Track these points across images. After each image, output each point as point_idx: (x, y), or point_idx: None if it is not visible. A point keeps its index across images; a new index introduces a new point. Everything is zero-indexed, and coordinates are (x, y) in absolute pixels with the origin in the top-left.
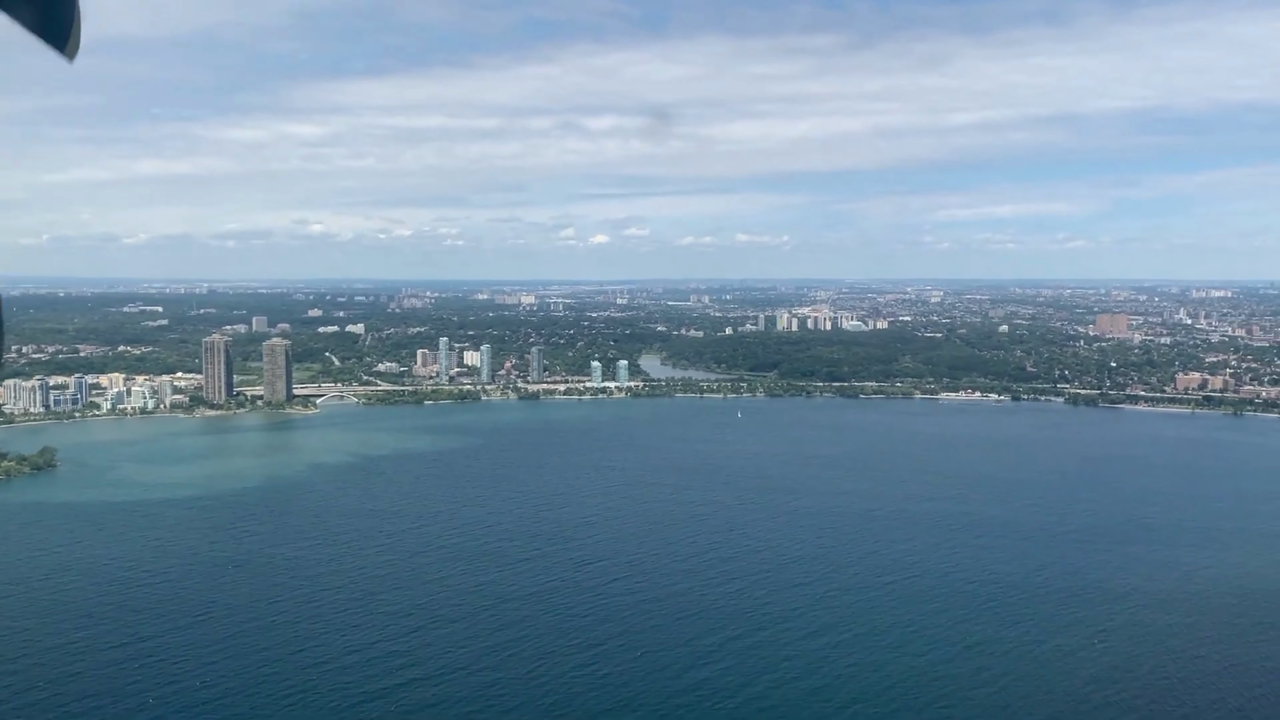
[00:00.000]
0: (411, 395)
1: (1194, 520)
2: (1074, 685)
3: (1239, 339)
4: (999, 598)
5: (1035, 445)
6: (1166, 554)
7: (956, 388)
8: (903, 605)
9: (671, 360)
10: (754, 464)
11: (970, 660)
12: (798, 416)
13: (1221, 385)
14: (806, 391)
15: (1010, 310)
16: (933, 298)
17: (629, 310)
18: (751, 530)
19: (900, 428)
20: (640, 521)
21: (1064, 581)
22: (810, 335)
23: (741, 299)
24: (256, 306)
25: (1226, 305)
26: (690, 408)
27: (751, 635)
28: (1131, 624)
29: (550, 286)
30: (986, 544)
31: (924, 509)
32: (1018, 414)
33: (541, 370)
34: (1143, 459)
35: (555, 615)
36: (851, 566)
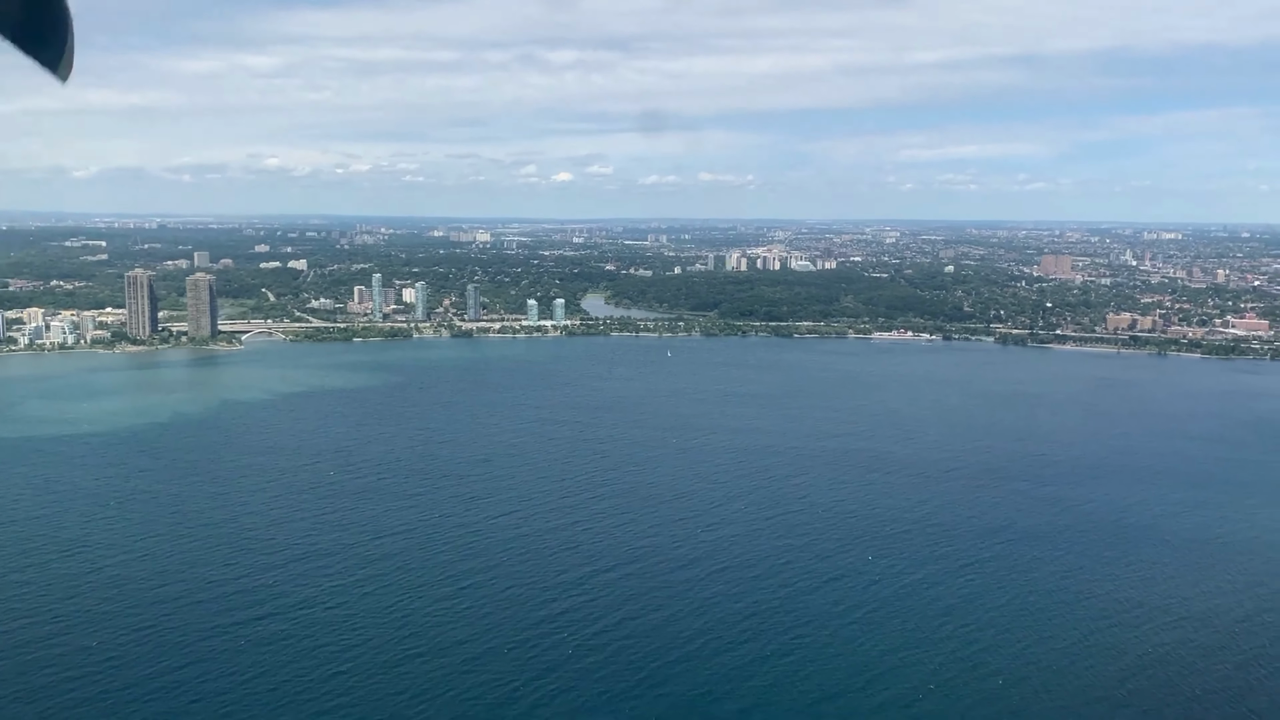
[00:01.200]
0: (341, 332)
1: (1087, 457)
2: (927, 616)
3: (1179, 280)
4: (876, 532)
5: (953, 384)
6: (1052, 490)
7: (890, 327)
8: (779, 539)
9: (615, 299)
10: (671, 402)
11: (831, 591)
12: (728, 355)
13: (1150, 326)
14: (742, 331)
15: (962, 251)
16: (889, 238)
17: (584, 249)
18: (649, 467)
19: (826, 366)
20: (539, 459)
21: (944, 516)
22: (757, 275)
23: (700, 239)
24: (204, 242)
25: (1174, 247)
26: (623, 346)
27: (622, 569)
28: (1000, 557)
29: (510, 224)
30: (878, 480)
31: (827, 446)
32: (945, 353)
33: (478, 308)
34: (1055, 398)
35: (429, 551)
36: (738, 501)
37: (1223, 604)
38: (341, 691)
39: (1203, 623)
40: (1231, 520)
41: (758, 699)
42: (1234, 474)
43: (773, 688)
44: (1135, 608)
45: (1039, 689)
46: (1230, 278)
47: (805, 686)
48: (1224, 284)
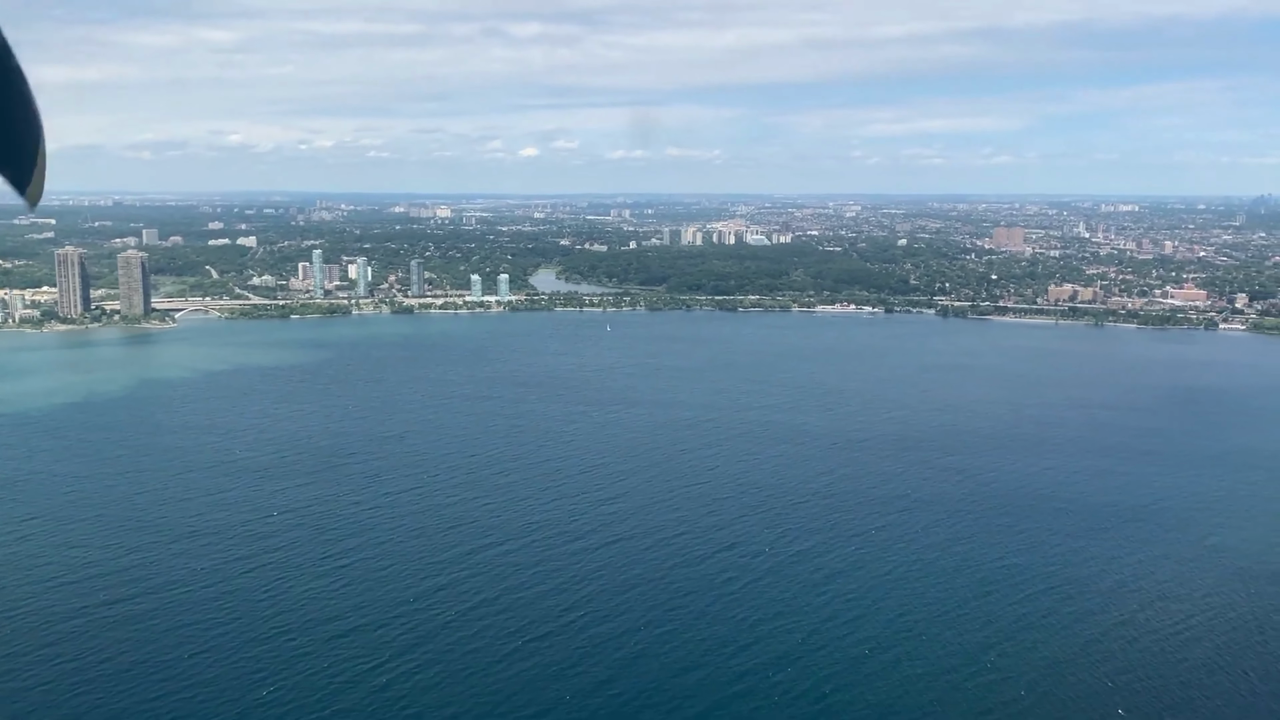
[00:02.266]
0: (278, 310)
1: (998, 427)
2: (808, 585)
3: (1127, 252)
4: (775, 502)
5: (883, 356)
6: (957, 460)
7: (835, 300)
8: (678, 511)
9: (566, 275)
10: (600, 376)
11: (717, 561)
12: (668, 330)
13: (1091, 297)
14: (687, 305)
15: (919, 225)
16: (849, 212)
17: (543, 224)
18: (562, 442)
19: (763, 340)
20: (452, 436)
21: (846, 486)
22: (711, 249)
23: (663, 214)
24: (158, 219)
25: (1129, 220)
26: (566, 321)
27: (513, 543)
28: (891, 525)
29: (475, 200)
30: (790, 452)
31: (747, 418)
32: (884, 325)
33: (423, 283)
34: (980, 368)
35: (318, 529)
36: (645, 474)
37: (1102, 570)
38: (198, 670)
39: (1080, 588)
40: (1127, 488)
41: (621, 669)
42: (1138, 442)
43: (639, 657)
44: (1015, 575)
45: (901, 656)
46: (1178, 249)
47: (672, 655)
48: (1170, 255)
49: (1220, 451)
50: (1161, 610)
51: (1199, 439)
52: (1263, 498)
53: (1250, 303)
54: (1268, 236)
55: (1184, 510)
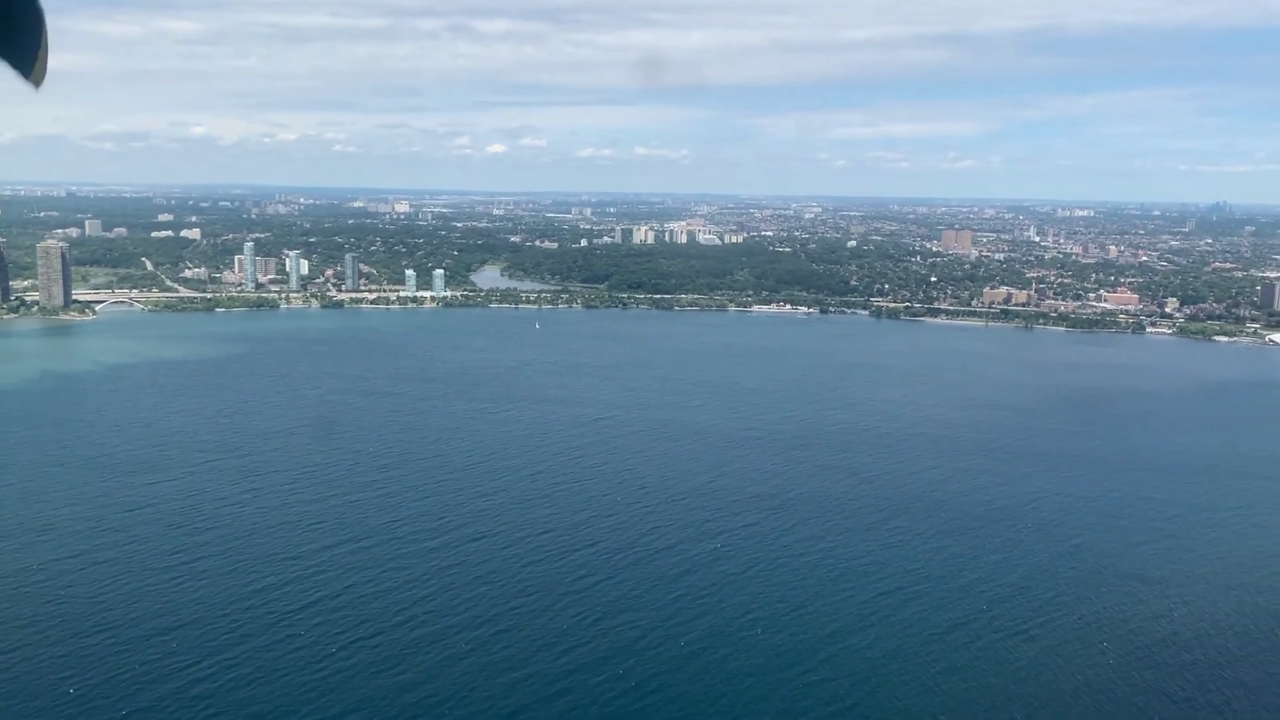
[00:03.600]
0: (204, 302)
1: (895, 427)
2: (656, 582)
3: (1072, 256)
4: (650, 501)
5: (806, 355)
6: (844, 458)
7: (772, 300)
8: (544, 511)
9: (511, 271)
10: (514, 373)
11: (570, 560)
12: (599, 327)
13: (1025, 300)
14: (624, 303)
15: (874, 227)
16: (808, 213)
17: (500, 221)
18: (453, 440)
19: (691, 338)
20: (343, 433)
21: (726, 484)
22: (660, 248)
23: (626, 212)
24: (109, 211)
25: (1082, 224)
26: (498, 318)
27: (360, 541)
28: (758, 523)
29: (440, 196)
30: (683, 450)
31: (652, 416)
32: (816, 325)
33: (357, 278)
34: (896, 369)
35: (163, 527)
36: (523, 473)
37: (959, 569)
38: (2, 667)
39: (931, 586)
40: (1006, 488)
41: (439, 669)
42: (1029, 443)
43: (463, 656)
44: (869, 573)
45: (731, 653)
46: (1122, 254)
47: (498, 654)
48: (1114, 260)
49: (1106, 453)
50: (1006, 609)
51: (1088, 440)
52: (1137, 498)
53: (1180, 307)
54: (1214, 243)
55: (1056, 511)
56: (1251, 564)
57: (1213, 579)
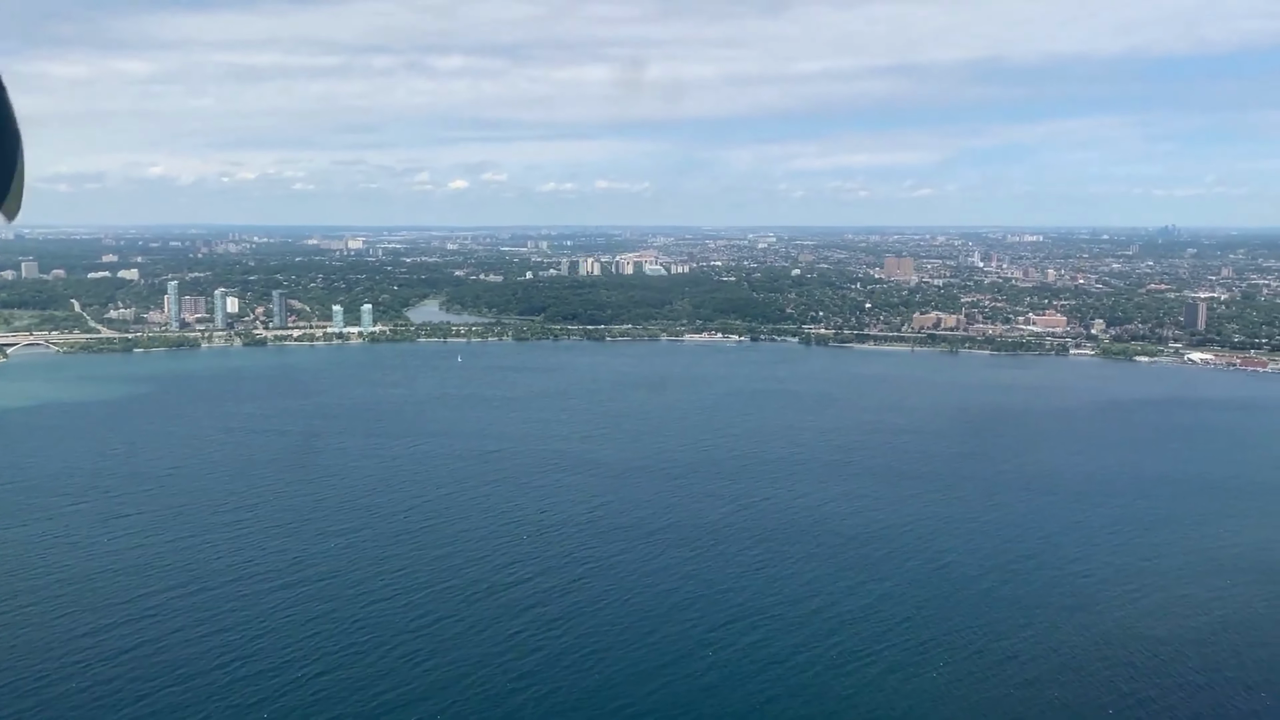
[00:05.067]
0: (122, 343)
1: (791, 454)
2: (488, 621)
3: (1011, 280)
4: (514, 537)
5: (722, 383)
6: (732, 487)
7: (704, 329)
8: (403, 548)
9: (449, 305)
10: (421, 408)
11: (409, 599)
12: (523, 360)
13: (954, 324)
14: (555, 335)
15: (825, 255)
16: (762, 243)
17: (452, 255)
18: (333, 477)
19: (614, 368)
20: (223, 472)
21: (602, 515)
22: (605, 280)
23: (584, 244)
24: (54, 253)
25: (1028, 249)
26: (424, 353)
27: (187, 587)
28: (621, 554)
29: (399, 232)
30: (569, 482)
31: (549, 448)
32: (745, 353)
33: (285, 315)
34: (810, 394)
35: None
36: (395, 510)
37: (805, 595)
38: None
39: (764, 617)
40: (878, 510)
41: (236, 715)
42: (916, 466)
43: (277, 697)
44: (723, 598)
45: (550, 691)
46: (1060, 277)
47: (307, 698)
48: (1051, 283)
49: (993, 474)
50: (852, 632)
51: (978, 462)
52: (1012, 519)
53: (1106, 328)
54: (1154, 265)
55: (930, 533)
56: (1111, 582)
57: (1063, 599)
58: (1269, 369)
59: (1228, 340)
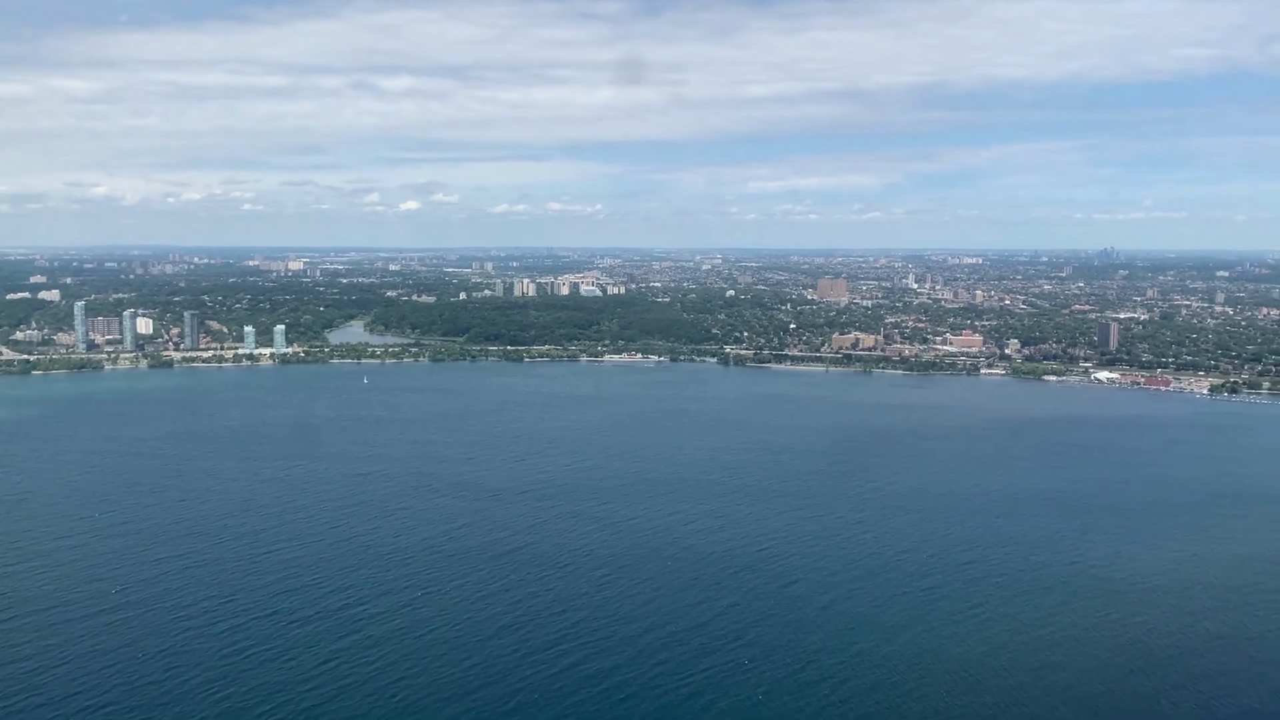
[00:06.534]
0: (20, 366)
1: (674, 473)
2: (289, 650)
3: (940, 301)
4: (360, 563)
5: (628, 403)
6: (603, 508)
7: (625, 349)
8: (236, 576)
9: (373, 326)
10: (309, 430)
11: (239, 621)
12: (434, 381)
13: (873, 344)
14: (473, 356)
15: (765, 276)
16: (706, 265)
17: (392, 276)
18: (193, 501)
19: (521, 389)
20: (81, 496)
21: (459, 540)
22: (539, 301)
23: (532, 265)
24: None
25: (967, 271)
26: (335, 374)
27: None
28: (464, 578)
29: (346, 253)
30: (437, 505)
31: (426, 470)
32: (661, 374)
33: (197, 336)
34: (709, 414)
35: None
36: (244, 537)
37: (634, 612)
38: None
39: (617, 626)
40: (740, 528)
41: None
42: (794, 485)
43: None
44: (544, 623)
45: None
46: (988, 298)
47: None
48: (979, 303)
49: (864, 492)
50: (675, 652)
51: (853, 480)
52: (862, 540)
53: (1021, 348)
54: (1085, 286)
55: (782, 550)
56: (946, 600)
57: (895, 617)
58: (1170, 388)
59: (1136, 360)
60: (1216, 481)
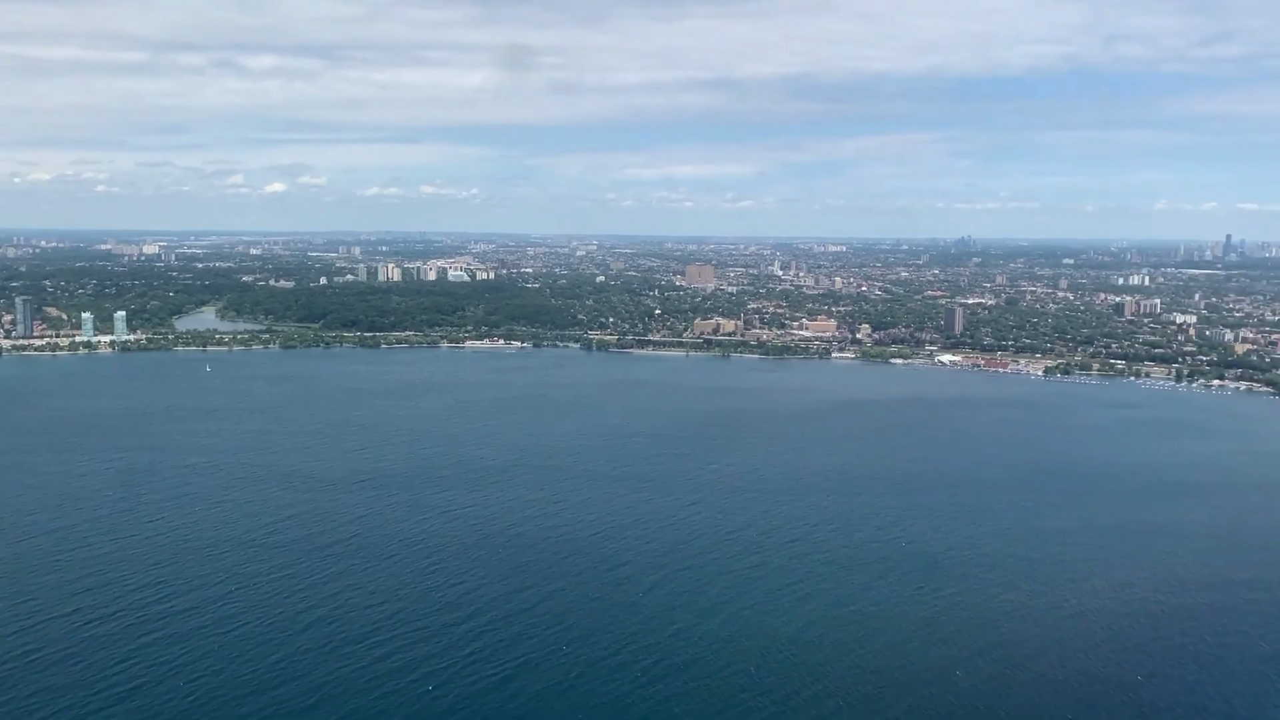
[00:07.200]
0: None
1: (509, 460)
2: (118, 640)
3: (803, 288)
4: (171, 555)
5: (482, 390)
6: (438, 496)
7: (487, 335)
8: (33, 576)
9: (225, 312)
10: (141, 421)
11: (27, 622)
12: (282, 369)
13: (733, 329)
14: (327, 343)
15: (636, 262)
16: (580, 251)
17: (253, 260)
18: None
19: (375, 377)
20: None
21: (285, 531)
22: (401, 286)
23: (403, 250)
24: None
25: (831, 259)
26: (178, 362)
27: None
28: (280, 569)
29: (207, 236)
30: (257, 496)
31: (250, 462)
32: (521, 359)
33: (30, 323)
34: (560, 400)
35: None
36: (35, 533)
37: (459, 602)
38: None
39: (441, 614)
40: (572, 513)
41: None
42: (631, 469)
43: None
44: (363, 614)
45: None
46: (847, 284)
47: None
48: (838, 289)
49: (705, 474)
50: (484, 644)
51: (696, 462)
52: (695, 521)
53: (872, 332)
54: (940, 273)
55: (616, 533)
56: (762, 579)
57: (710, 599)
58: (1008, 370)
59: (979, 343)
60: (1037, 458)
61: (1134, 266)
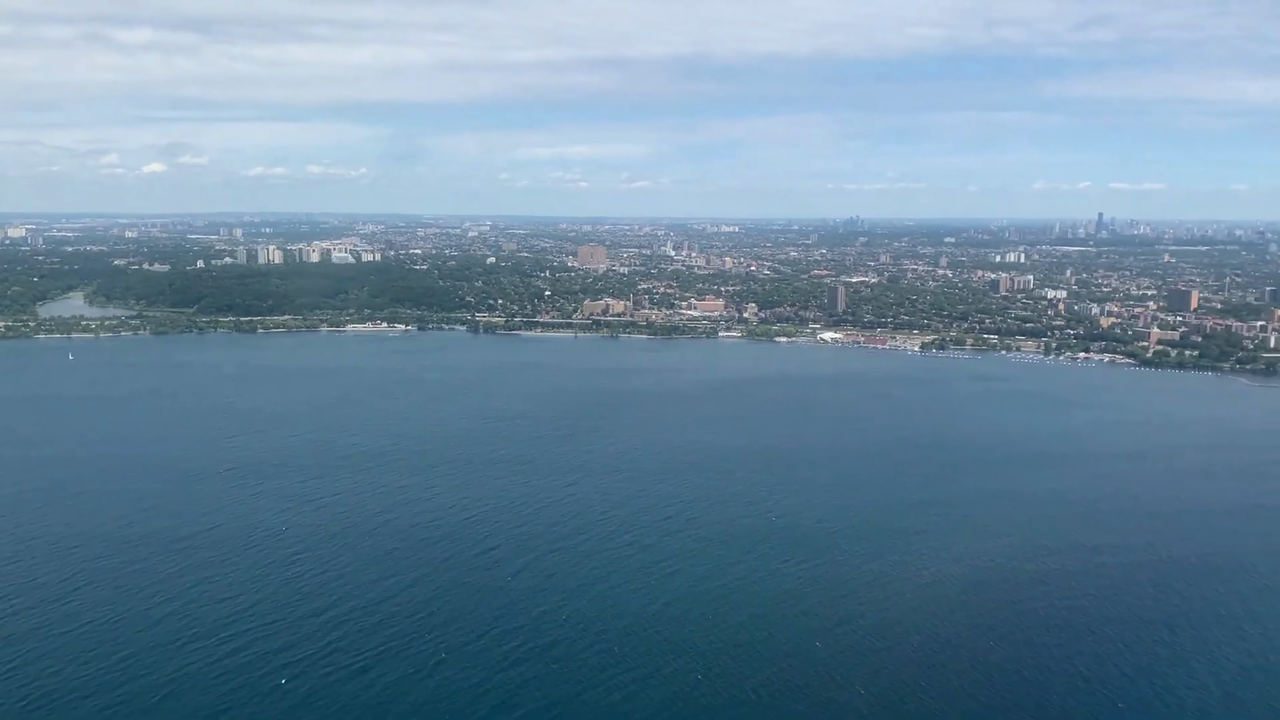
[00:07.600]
0: None
1: (386, 445)
2: None
3: (694, 268)
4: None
5: (361, 375)
6: (303, 485)
7: (370, 319)
8: None
9: (94, 297)
10: None
11: None
12: (150, 356)
13: (622, 310)
14: (201, 328)
15: (530, 243)
16: (473, 232)
17: (128, 244)
18: None
19: (247, 363)
20: None
21: (147, 524)
22: (284, 269)
23: (287, 232)
24: None
25: (724, 239)
26: (39, 350)
27: None
28: (129, 565)
29: (80, 219)
30: (117, 489)
31: (107, 453)
32: (405, 343)
33: None
34: (441, 384)
35: None
36: None
37: (315, 591)
38: None
39: (298, 605)
40: (445, 498)
41: None
42: (508, 452)
43: None
44: (213, 608)
45: None
46: (737, 264)
47: None
48: (728, 269)
49: (581, 456)
50: (341, 635)
51: (573, 444)
52: (567, 503)
53: (759, 311)
54: (827, 253)
55: (488, 518)
56: (620, 563)
57: (572, 582)
58: (887, 346)
59: (860, 320)
60: (908, 432)
61: (1011, 244)
